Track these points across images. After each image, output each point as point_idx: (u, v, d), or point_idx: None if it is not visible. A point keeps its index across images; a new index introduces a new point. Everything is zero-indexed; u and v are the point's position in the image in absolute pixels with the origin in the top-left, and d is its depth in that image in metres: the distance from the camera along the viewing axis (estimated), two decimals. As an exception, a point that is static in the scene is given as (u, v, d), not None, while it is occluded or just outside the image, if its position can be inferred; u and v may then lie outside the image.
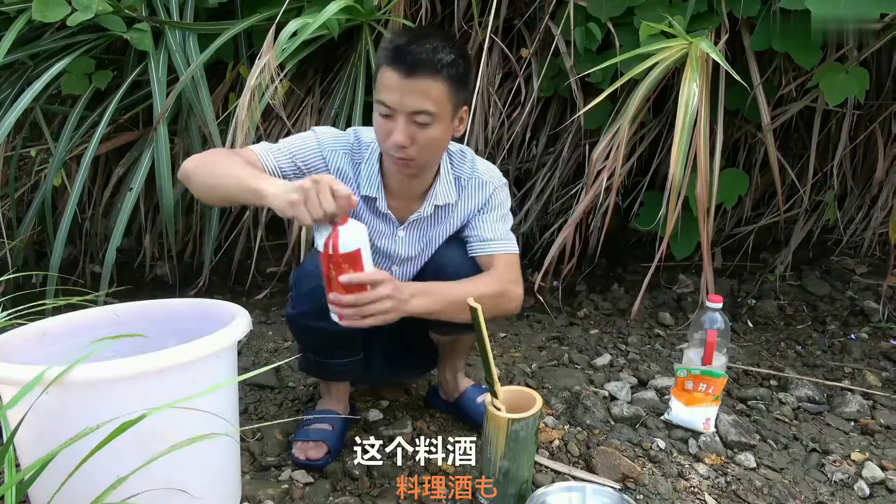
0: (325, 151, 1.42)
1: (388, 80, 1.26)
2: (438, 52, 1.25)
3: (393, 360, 1.67)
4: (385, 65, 1.27)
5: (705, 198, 2.00)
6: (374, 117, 1.32)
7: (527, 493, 1.35)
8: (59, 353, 1.26)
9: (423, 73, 1.24)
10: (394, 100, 1.26)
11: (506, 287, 1.41)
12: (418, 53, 1.24)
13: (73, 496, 0.94)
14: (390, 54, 1.26)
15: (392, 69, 1.25)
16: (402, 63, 1.24)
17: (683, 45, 1.93)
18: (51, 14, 2.07)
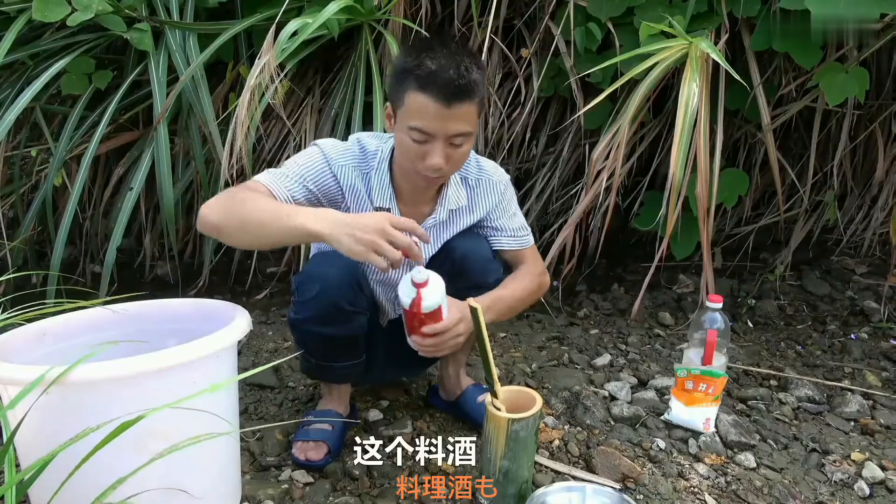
0: (335, 168, 1.40)
1: (427, 108, 1.24)
2: (472, 72, 1.25)
3: (396, 358, 1.66)
4: (419, 92, 1.24)
5: (705, 198, 2.00)
6: (401, 139, 1.31)
7: (527, 493, 1.35)
8: (59, 353, 1.26)
9: (463, 99, 1.25)
10: (434, 127, 1.26)
11: (540, 280, 1.57)
12: (457, 80, 1.22)
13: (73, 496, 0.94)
14: (426, 82, 1.23)
15: (430, 98, 1.23)
16: (442, 93, 1.23)
17: (683, 45, 1.93)
18: (51, 14, 2.07)
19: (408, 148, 1.31)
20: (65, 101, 2.45)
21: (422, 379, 1.92)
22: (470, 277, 1.47)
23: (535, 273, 1.57)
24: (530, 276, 1.55)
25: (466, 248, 1.50)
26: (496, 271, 1.53)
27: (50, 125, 2.43)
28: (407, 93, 1.26)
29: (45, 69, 2.20)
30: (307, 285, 1.40)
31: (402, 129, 1.30)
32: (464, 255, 1.49)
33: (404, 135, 1.30)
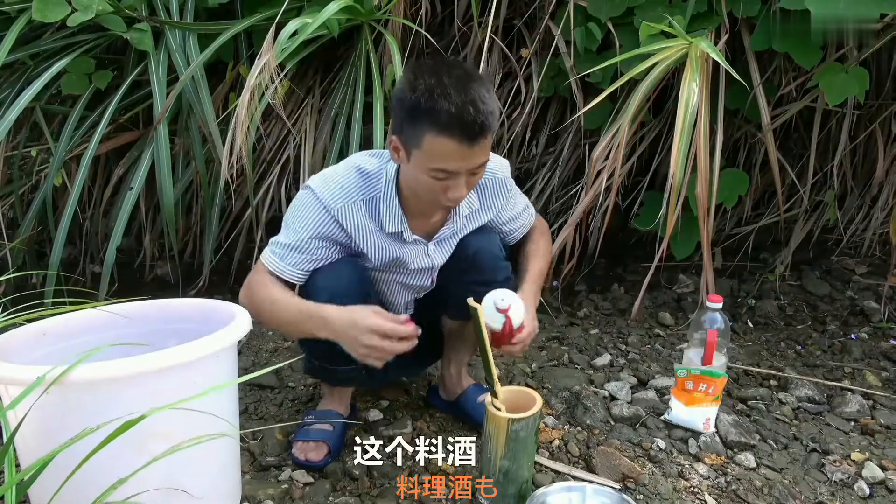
0: (335, 212, 1.37)
1: (449, 151, 1.21)
2: (488, 104, 1.22)
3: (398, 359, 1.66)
4: (439, 136, 1.20)
5: (705, 198, 2.00)
6: (419, 177, 1.28)
7: (527, 493, 1.35)
8: (58, 353, 1.26)
9: (486, 134, 1.23)
10: (457, 166, 1.24)
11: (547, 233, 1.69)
12: (477, 119, 1.19)
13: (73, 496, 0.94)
14: (446, 126, 1.19)
15: (452, 141, 1.20)
16: (465, 134, 1.20)
17: (683, 45, 1.93)
18: (51, 14, 2.07)
19: (428, 185, 1.29)
20: (65, 101, 2.45)
21: (422, 379, 1.92)
22: (480, 273, 1.49)
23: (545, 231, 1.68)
24: (543, 236, 1.65)
25: (478, 244, 1.51)
26: (505, 269, 1.54)
27: (50, 125, 2.43)
28: (424, 136, 1.22)
29: (46, 69, 2.20)
30: (315, 293, 1.39)
31: (421, 169, 1.27)
32: (476, 251, 1.50)
33: (423, 174, 1.27)
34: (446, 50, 2.55)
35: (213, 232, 2.42)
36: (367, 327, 1.26)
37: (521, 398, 1.37)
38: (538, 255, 1.58)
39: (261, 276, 1.41)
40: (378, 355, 1.29)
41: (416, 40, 2.42)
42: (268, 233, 2.46)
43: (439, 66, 1.25)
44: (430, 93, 1.19)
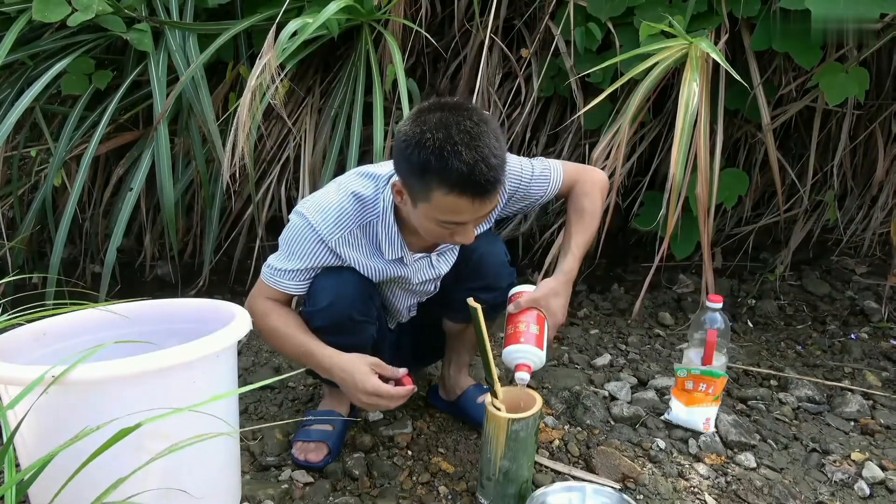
0: (332, 244, 1.36)
1: (460, 207, 1.20)
2: (498, 157, 1.19)
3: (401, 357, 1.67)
4: (450, 195, 1.18)
5: (705, 198, 2.00)
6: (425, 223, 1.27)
7: (527, 493, 1.35)
8: (58, 353, 1.26)
9: (497, 188, 1.21)
10: (468, 218, 1.24)
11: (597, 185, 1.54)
12: (489, 175, 1.16)
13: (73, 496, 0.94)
14: (457, 186, 1.17)
15: (464, 199, 1.18)
16: (477, 193, 1.18)
17: (683, 45, 1.93)
18: (51, 14, 2.07)
19: (436, 232, 1.28)
20: (64, 101, 2.45)
21: (422, 379, 1.92)
22: (483, 279, 1.49)
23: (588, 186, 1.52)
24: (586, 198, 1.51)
25: (483, 250, 1.49)
26: (510, 276, 1.54)
27: (50, 125, 2.43)
28: (432, 193, 1.19)
29: (46, 70, 2.20)
30: (320, 295, 1.39)
31: (428, 218, 1.25)
32: (480, 256, 1.49)
33: (430, 223, 1.26)
34: (446, 50, 2.55)
35: (214, 232, 2.42)
36: (364, 390, 1.31)
37: (521, 398, 1.37)
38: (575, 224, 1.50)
39: (263, 302, 1.42)
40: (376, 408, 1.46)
41: (416, 40, 2.42)
42: (268, 233, 2.46)
43: (448, 117, 1.18)
44: (441, 151, 1.15)
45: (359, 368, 1.32)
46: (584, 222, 1.49)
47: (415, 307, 1.62)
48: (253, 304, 1.43)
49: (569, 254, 1.46)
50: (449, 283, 1.53)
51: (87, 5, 2.08)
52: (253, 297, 1.45)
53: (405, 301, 1.58)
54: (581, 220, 1.50)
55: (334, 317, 1.38)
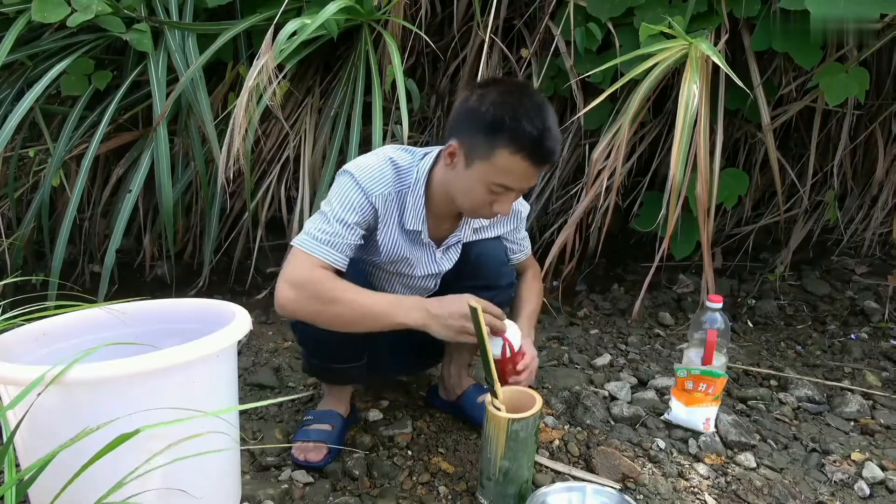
0: (373, 198, 1.37)
1: (520, 170, 1.26)
2: (559, 134, 1.30)
3: (398, 357, 1.67)
4: (516, 154, 1.24)
5: (705, 198, 2.00)
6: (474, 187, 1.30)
7: (527, 493, 1.35)
8: (58, 353, 1.25)
9: (553, 161, 1.31)
10: (519, 185, 1.30)
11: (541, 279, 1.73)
12: (554, 146, 1.27)
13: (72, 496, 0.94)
14: (526, 147, 1.23)
15: (527, 162, 1.25)
16: (540, 159, 1.26)
17: (683, 45, 1.93)
18: (50, 15, 2.07)
19: (479, 196, 1.31)
20: (64, 102, 2.45)
21: (422, 379, 1.92)
22: (484, 278, 1.51)
23: (538, 275, 1.71)
24: (537, 281, 1.68)
25: (482, 249, 1.52)
26: (509, 275, 1.56)
27: (49, 125, 2.43)
28: (498, 150, 1.25)
29: (45, 70, 2.20)
30: None
31: (480, 180, 1.29)
32: (478, 255, 1.51)
33: (480, 185, 1.29)
34: (446, 50, 2.55)
35: (213, 232, 2.42)
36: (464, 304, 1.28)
37: (521, 398, 1.37)
38: (532, 298, 1.63)
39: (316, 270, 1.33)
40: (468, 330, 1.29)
41: (416, 41, 2.42)
42: (267, 233, 2.46)
43: (517, 87, 1.31)
44: (515, 112, 1.23)
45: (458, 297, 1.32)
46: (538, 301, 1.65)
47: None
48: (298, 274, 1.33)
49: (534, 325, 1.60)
50: (449, 281, 1.54)
51: (86, 6, 2.08)
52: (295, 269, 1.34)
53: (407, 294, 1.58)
54: (538, 298, 1.65)
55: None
